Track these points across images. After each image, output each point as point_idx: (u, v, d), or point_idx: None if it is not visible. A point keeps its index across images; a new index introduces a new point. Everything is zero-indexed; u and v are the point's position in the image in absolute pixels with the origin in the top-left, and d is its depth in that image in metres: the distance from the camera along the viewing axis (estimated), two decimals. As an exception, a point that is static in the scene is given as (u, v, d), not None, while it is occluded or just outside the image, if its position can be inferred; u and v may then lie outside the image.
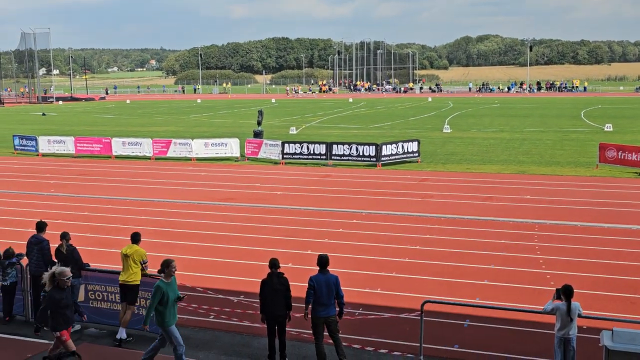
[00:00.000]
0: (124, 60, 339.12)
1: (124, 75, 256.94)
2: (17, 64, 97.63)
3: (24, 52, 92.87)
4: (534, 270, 13.81)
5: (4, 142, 37.93)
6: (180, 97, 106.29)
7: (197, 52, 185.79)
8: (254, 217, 19.06)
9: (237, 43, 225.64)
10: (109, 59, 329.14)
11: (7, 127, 49.13)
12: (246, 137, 33.11)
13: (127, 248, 10.73)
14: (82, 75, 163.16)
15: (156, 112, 66.78)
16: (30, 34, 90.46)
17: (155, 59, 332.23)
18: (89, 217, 19.51)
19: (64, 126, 49.70)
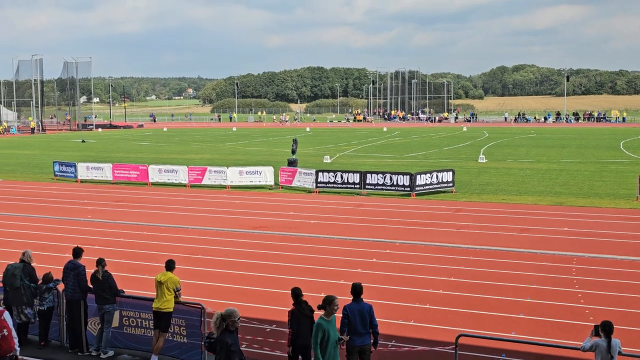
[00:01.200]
0: (162, 88, 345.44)
1: (162, 103, 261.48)
2: (60, 92, 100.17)
3: (66, 81, 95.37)
4: (572, 305, 13.50)
5: (45, 168, 38.74)
6: (216, 125, 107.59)
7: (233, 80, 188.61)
8: (287, 246, 19.06)
9: (272, 72, 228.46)
10: (147, 87, 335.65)
11: (48, 154, 50.21)
12: (280, 165, 33.28)
13: (161, 275, 10.79)
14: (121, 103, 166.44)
15: (192, 139, 67.64)
16: (72, 63, 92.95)
17: (192, 88, 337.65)
18: (124, 243, 19.73)
19: (102, 153, 50.62)
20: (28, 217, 24.25)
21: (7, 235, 21.11)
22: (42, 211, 25.36)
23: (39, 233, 21.30)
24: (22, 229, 22.10)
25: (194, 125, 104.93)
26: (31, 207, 26.41)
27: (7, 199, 28.67)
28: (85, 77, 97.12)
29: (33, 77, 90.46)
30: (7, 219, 23.88)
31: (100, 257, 11.45)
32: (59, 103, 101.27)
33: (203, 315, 10.70)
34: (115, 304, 11.33)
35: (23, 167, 41.42)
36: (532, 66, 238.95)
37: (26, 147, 60.05)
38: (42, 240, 20.10)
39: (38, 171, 38.68)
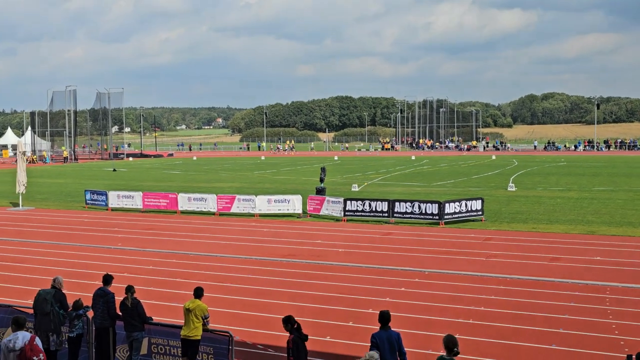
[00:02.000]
0: (192, 118, 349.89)
1: (192, 133, 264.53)
2: (92, 122, 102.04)
3: (98, 111, 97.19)
4: (606, 336, 13.20)
5: (77, 197, 39.32)
6: (245, 154, 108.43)
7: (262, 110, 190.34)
8: (315, 274, 19.01)
9: (301, 102, 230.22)
10: (178, 117, 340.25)
11: (79, 182, 51.00)
12: (309, 193, 33.34)
13: (189, 303, 10.83)
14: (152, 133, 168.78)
15: (221, 168, 68.22)
16: (105, 94, 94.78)
17: (222, 117, 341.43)
18: (153, 271, 19.87)
19: (133, 181, 51.25)
20: (60, 244, 24.58)
21: (39, 262, 21.41)
22: (74, 239, 25.69)
23: (70, 260, 21.56)
24: (54, 256, 22.39)
25: (223, 154, 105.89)
26: (63, 234, 26.78)
27: (40, 226, 29.13)
28: (117, 108, 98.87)
29: (67, 107, 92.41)
30: (40, 247, 24.24)
31: (129, 285, 11.55)
32: (92, 133, 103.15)
33: (231, 344, 10.70)
34: (144, 332, 11.38)
35: (55, 195, 42.10)
36: (561, 94, 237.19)
37: (59, 176, 61.08)
38: (72, 268, 20.34)
39: (70, 199, 39.27)
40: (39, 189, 45.67)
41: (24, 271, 20.15)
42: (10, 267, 20.69)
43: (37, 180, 52.78)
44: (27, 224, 29.90)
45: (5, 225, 29.72)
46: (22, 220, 31.36)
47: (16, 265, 21.06)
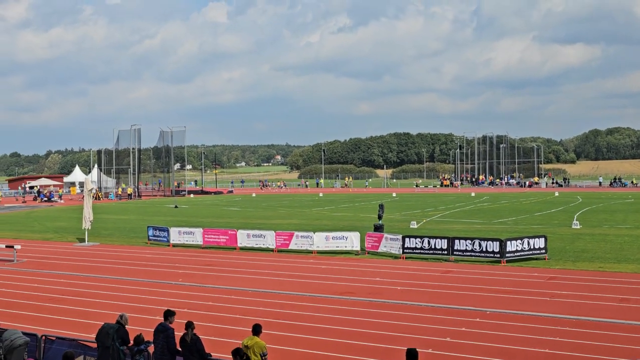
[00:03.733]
0: (251, 155, 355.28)
1: (251, 170, 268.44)
2: (155, 160, 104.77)
3: (161, 149, 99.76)
4: (680, 382, 12.56)
5: (140, 233, 40.21)
6: (303, 190, 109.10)
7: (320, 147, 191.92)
8: (373, 312, 18.81)
9: (359, 138, 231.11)
10: (237, 154, 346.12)
11: (142, 219, 52.19)
12: (367, 230, 33.19)
13: (248, 339, 10.87)
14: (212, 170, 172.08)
15: (280, 205, 68.74)
16: (168, 132, 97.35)
17: (280, 154, 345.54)
18: (212, 307, 20.04)
19: (193, 218, 52.12)
20: (123, 279, 25.12)
21: (103, 297, 21.89)
22: (136, 274, 26.21)
23: (132, 295, 21.98)
24: (117, 291, 22.87)
25: (282, 191, 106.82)
26: (126, 270, 27.37)
27: (104, 262, 29.86)
28: (180, 145, 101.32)
29: (131, 145, 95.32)
30: (104, 281, 24.82)
31: (189, 320, 11.68)
32: (154, 170, 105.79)
33: (288, 382, 10.64)
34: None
35: (119, 231, 43.17)
36: (627, 129, 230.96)
37: (123, 212, 62.70)
38: (134, 302, 20.71)
39: (133, 235, 40.19)
40: (104, 224, 46.93)
41: (88, 305, 20.63)
42: (75, 301, 21.23)
43: (103, 216, 54.29)
44: (93, 259, 30.71)
45: (72, 260, 30.58)
46: (87, 255, 32.22)
47: (81, 299, 21.59)
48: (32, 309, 20.20)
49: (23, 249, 32.55)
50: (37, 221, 53.48)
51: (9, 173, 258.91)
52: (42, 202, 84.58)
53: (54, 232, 43.48)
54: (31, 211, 67.41)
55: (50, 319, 18.77)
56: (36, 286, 24.13)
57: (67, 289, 23.37)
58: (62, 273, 26.97)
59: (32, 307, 20.46)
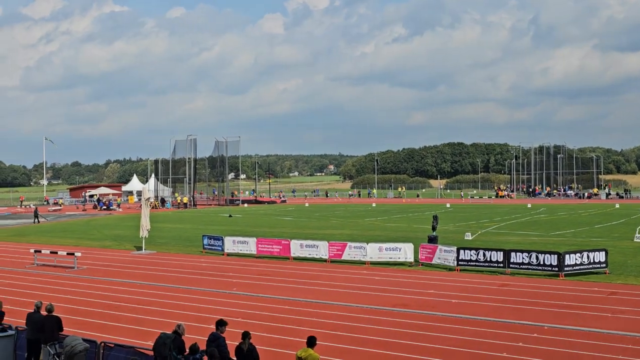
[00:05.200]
0: (304, 165, 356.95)
1: (304, 180, 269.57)
2: (210, 169, 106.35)
3: (216, 159, 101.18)
4: None
5: (195, 242, 40.82)
6: (356, 200, 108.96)
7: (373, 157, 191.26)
8: (427, 325, 18.59)
9: (412, 148, 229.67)
10: (290, 164, 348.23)
11: (198, 228, 52.97)
12: (420, 242, 32.88)
13: (302, 351, 10.88)
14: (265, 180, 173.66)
15: (332, 215, 68.78)
16: (222, 142, 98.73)
17: (333, 164, 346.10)
18: (266, 316, 20.16)
19: (247, 227, 52.61)
20: (178, 288, 25.51)
21: (159, 305, 22.28)
22: (191, 283, 26.59)
23: (187, 304, 22.30)
24: (172, 299, 23.25)
25: (335, 201, 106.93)
26: (181, 278, 27.80)
27: (160, 270, 30.40)
28: (234, 155, 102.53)
29: (187, 155, 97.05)
30: (159, 289, 25.27)
31: (245, 330, 11.76)
32: (209, 179, 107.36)
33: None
34: (257, 378, 11.50)
35: (175, 240, 43.91)
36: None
37: (179, 221, 63.78)
38: (189, 311, 21.01)
39: (189, 244, 40.81)
40: (160, 233, 47.81)
41: (144, 313, 21.03)
42: (132, 309, 21.67)
43: (159, 225, 55.33)
44: (149, 268, 31.31)
45: (130, 268, 31.25)
46: (144, 263, 32.88)
47: (138, 307, 22.02)
48: (91, 316, 20.71)
49: (83, 256, 33.44)
50: (97, 229, 54.89)
51: (70, 182, 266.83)
52: (101, 210, 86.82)
53: (112, 240, 44.54)
54: (91, 219, 69.25)
55: (108, 326, 19.20)
56: (95, 293, 24.74)
57: (125, 297, 23.88)
58: (120, 280, 27.58)
59: (91, 314, 20.99)
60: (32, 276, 29.43)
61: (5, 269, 31.80)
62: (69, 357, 12.40)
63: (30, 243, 42.72)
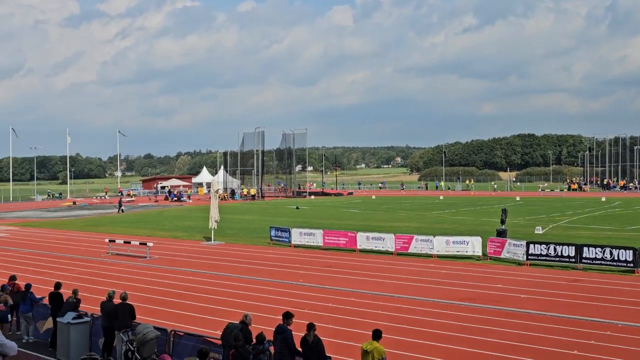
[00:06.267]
0: (371, 157, 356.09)
1: (370, 172, 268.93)
2: (277, 162, 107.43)
3: (283, 151, 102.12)
4: None
5: (262, 233, 41.37)
6: (423, 193, 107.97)
7: (441, 149, 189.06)
8: (494, 320, 18.29)
9: (481, 140, 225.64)
10: (357, 156, 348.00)
11: (265, 219, 53.63)
12: (488, 235, 32.33)
13: (367, 344, 10.89)
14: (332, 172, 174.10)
15: (399, 207, 68.40)
16: (290, 135, 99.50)
17: (400, 156, 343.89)
18: (331, 308, 20.27)
19: (314, 219, 52.92)
20: (246, 278, 25.95)
21: (227, 295, 22.73)
22: (259, 274, 26.99)
23: (254, 294, 22.65)
24: (240, 289, 23.66)
25: (401, 194, 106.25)
26: (249, 269, 28.25)
27: (228, 260, 30.98)
28: (301, 147, 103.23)
29: (255, 147, 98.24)
30: (228, 280, 25.77)
31: (310, 322, 11.85)
32: (277, 171, 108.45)
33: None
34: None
35: (243, 231, 44.62)
36: None
37: (247, 212, 64.76)
38: (256, 301, 21.34)
39: (256, 235, 41.40)
40: (229, 224, 48.68)
41: (213, 302, 21.49)
42: (201, 298, 22.19)
43: (228, 216, 56.33)
44: (218, 258, 31.95)
45: (200, 258, 31.98)
46: (213, 254, 33.57)
47: (207, 296, 22.53)
48: (162, 304, 21.32)
49: (155, 246, 34.42)
50: (168, 220, 56.38)
51: (142, 174, 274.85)
52: (172, 201, 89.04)
53: (183, 231, 45.66)
54: (162, 210, 71.15)
55: (178, 315, 19.73)
56: (166, 282, 25.45)
57: (194, 286, 24.46)
58: (190, 270, 28.26)
59: (161, 302, 21.60)
60: (106, 265, 30.52)
61: (82, 257, 33.08)
62: (141, 344, 12.81)
63: (105, 233, 44.29)
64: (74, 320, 15.19)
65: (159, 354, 12.73)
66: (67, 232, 46.85)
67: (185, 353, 13.33)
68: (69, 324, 15.12)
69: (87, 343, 15.35)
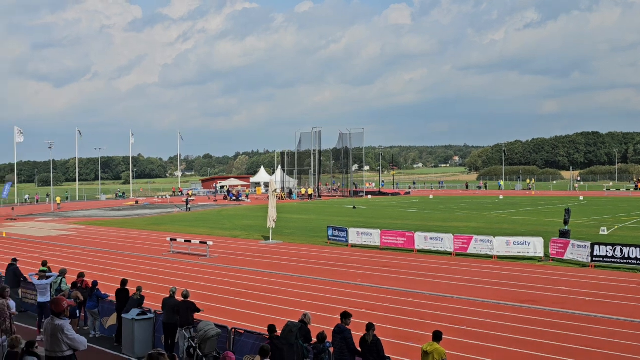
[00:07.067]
0: (428, 157, 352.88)
1: (428, 171, 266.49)
2: (334, 161, 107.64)
3: (340, 150, 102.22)
4: None
5: (320, 232, 41.54)
6: (482, 193, 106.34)
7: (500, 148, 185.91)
8: (556, 323, 17.88)
9: (542, 139, 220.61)
10: (414, 155, 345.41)
11: (323, 219, 53.84)
12: (551, 236, 31.62)
13: (427, 345, 10.82)
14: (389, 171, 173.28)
15: (458, 207, 67.55)
16: (346, 134, 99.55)
17: (458, 156, 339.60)
18: (390, 308, 20.19)
19: (371, 219, 52.80)
20: (304, 277, 26.11)
21: (286, 293, 22.92)
22: (316, 273, 27.11)
23: (312, 293, 22.77)
24: (298, 288, 23.82)
25: (460, 193, 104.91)
26: (307, 268, 28.41)
27: (286, 260, 31.23)
28: (358, 147, 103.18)
29: (312, 147, 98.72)
30: (286, 279, 25.98)
31: (370, 322, 11.85)
32: (334, 171, 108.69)
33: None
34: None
35: (301, 230, 44.89)
36: None
37: (304, 212, 65.11)
38: (314, 300, 21.44)
39: (314, 235, 41.59)
40: (286, 224, 49.06)
41: (272, 301, 21.70)
42: (260, 297, 22.43)
43: (286, 215, 56.79)
44: (276, 257, 32.24)
45: (258, 257, 32.34)
46: (272, 253, 33.90)
47: (266, 295, 22.76)
48: (222, 302, 21.66)
49: (215, 245, 34.99)
50: (227, 219, 57.20)
51: (202, 173, 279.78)
52: (231, 201, 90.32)
53: (241, 230, 46.25)
54: (221, 209, 72.24)
55: (237, 312, 20.00)
56: (225, 280, 25.85)
57: (253, 285, 24.75)
58: (249, 269, 28.61)
59: (221, 300, 21.95)
60: (168, 263, 31.20)
61: (145, 255, 33.91)
62: (202, 341, 13.06)
63: (167, 232, 45.29)
64: (138, 317, 15.60)
65: (220, 351, 12.95)
66: (130, 231, 48.10)
67: (245, 350, 13.52)
68: (133, 320, 15.53)
69: (150, 339, 15.74)
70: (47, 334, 10.82)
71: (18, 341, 10.67)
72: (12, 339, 10.69)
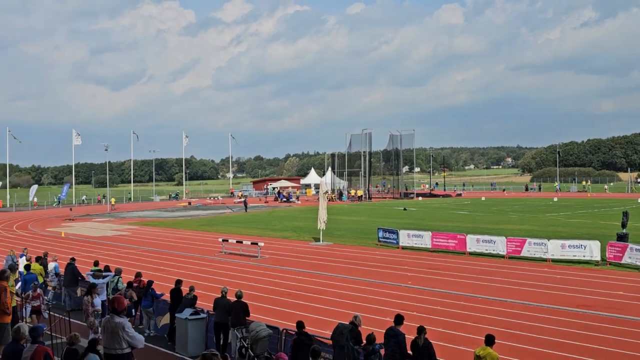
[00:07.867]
0: (480, 158, 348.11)
1: (480, 173, 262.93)
2: (384, 163, 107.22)
3: (390, 152, 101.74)
4: None
5: (370, 234, 41.46)
6: (536, 195, 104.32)
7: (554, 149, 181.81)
8: (612, 329, 17.42)
9: (598, 139, 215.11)
10: (466, 156, 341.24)
11: (372, 220, 53.71)
12: (607, 239, 30.83)
13: (480, 349, 10.71)
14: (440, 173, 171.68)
15: (511, 209, 66.45)
16: (397, 136, 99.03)
17: (511, 157, 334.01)
18: (441, 312, 20.02)
19: (421, 221, 52.42)
20: (354, 279, 26.10)
21: (336, 295, 22.96)
22: (367, 275, 27.07)
23: (362, 295, 22.75)
24: (349, 290, 23.83)
25: (512, 195, 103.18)
26: (357, 270, 28.40)
27: (337, 261, 31.27)
28: (408, 148, 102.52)
29: (362, 149, 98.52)
30: (336, 280, 26.02)
31: (421, 325, 11.80)
32: (384, 173, 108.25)
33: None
34: (433, 374, 11.49)
35: (351, 232, 44.88)
36: None
37: (354, 213, 65.07)
38: (364, 302, 21.42)
39: (364, 236, 41.53)
40: (336, 225, 49.13)
41: (322, 302, 21.78)
42: (311, 298, 22.54)
43: (336, 217, 56.85)
44: (327, 259, 32.32)
45: (308, 259, 32.49)
46: (322, 254, 34.00)
47: (316, 296, 22.86)
48: (272, 303, 21.84)
49: (266, 246, 35.30)
50: (278, 220, 57.62)
51: (253, 175, 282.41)
52: (281, 202, 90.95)
53: (292, 231, 46.52)
54: (272, 211, 72.80)
55: (288, 313, 20.13)
56: (276, 281, 26.05)
57: (304, 286, 24.88)
58: (300, 270, 28.77)
59: (272, 301, 22.13)
60: (220, 263, 31.62)
61: (197, 256, 34.45)
62: (254, 341, 13.21)
63: (218, 232, 45.91)
64: (191, 317, 15.87)
65: (272, 352, 13.08)
66: (183, 232, 48.93)
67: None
68: (187, 320, 15.81)
69: (203, 339, 15.99)
70: (106, 332, 11.11)
71: (77, 338, 10.99)
72: (70, 336, 11.03)
